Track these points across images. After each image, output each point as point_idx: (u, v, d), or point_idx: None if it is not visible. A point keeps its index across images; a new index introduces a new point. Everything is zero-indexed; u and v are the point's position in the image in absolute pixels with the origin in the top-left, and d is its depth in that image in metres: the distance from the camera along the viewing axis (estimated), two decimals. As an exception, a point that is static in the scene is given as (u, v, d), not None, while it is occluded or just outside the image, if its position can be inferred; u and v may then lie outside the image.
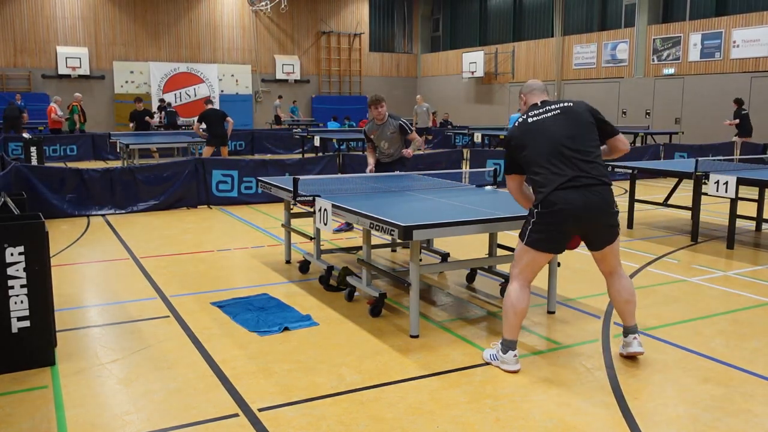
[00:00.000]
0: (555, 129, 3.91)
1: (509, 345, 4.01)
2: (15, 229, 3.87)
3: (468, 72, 28.86)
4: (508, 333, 4.02)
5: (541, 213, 3.86)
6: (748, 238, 8.16)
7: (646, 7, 21.76)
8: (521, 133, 4.01)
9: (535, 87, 4.21)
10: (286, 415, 3.44)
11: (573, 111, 3.98)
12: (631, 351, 4.12)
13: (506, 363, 3.99)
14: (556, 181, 3.80)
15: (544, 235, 3.89)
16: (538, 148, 3.89)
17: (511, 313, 3.98)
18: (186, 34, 27.49)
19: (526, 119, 4.03)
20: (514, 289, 4.01)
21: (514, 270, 4.05)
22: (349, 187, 6.11)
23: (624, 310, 4.14)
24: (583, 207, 3.80)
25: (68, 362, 4.11)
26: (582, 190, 3.79)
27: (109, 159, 17.78)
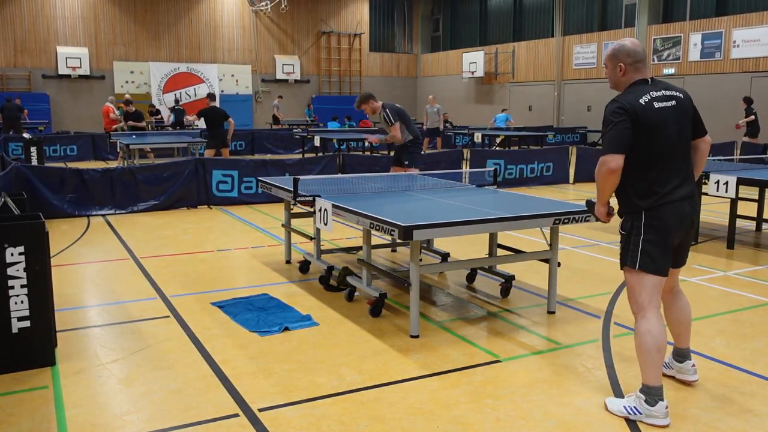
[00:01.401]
0: (675, 126, 3.34)
1: (657, 394, 3.34)
2: (15, 229, 3.88)
3: (468, 72, 28.87)
4: (652, 378, 3.34)
5: (653, 226, 3.30)
6: (748, 238, 8.16)
7: (646, 7, 21.77)
8: (649, 117, 3.28)
9: (640, 57, 3.42)
10: (286, 415, 3.44)
11: (684, 104, 3.42)
12: (686, 379, 3.79)
13: (655, 417, 3.33)
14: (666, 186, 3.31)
15: (658, 251, 3.31)
16: (659, 144, 3.31)
17: (654, 351, 3.31)
18: (186, 34, 27.50)
19: (652, 102, 3.31)
20: (651, 322, 3.32)
21: (640, 301, 3.36)
22: (349, 187, 6.11)
23: (684, 332, 3.73)
24: (689, 218, 3.40)
25: (68, 362, 4.11)
26: (691, 201, 3.39)
27: (109, 159, 17.78)
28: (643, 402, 3.37)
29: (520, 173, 13.06)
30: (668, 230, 3.32)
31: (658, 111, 3.32)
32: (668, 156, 3.33)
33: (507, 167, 12.84)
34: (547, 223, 4.70)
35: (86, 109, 26.05)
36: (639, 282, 3.37)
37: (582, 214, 4.78)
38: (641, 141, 3.30)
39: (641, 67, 3.43)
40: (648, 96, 3.34)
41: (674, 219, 3.33)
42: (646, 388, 3.38)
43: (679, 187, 3.35)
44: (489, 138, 19.15)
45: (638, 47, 3.45)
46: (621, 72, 3.45)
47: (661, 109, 3.33)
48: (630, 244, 3.38)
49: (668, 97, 3.38)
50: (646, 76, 3.44)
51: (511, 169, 12.93)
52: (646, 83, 3.41)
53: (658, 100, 3.34)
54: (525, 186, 12.63)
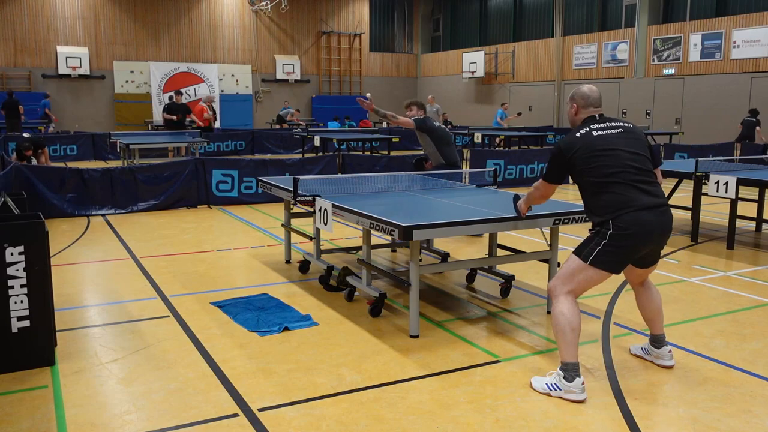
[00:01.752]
0: (624, 147, 3.69)
1: (573, 370, 3.62)
2: (15, 229, 3.87)
3: (468, 72, 28.87)
4: (569, 355, 3.65)
5: (615, 235, 3.60)
6: (748, 238, 8.16)
7: (646, 8, 21.77)
8: (586, 146, 3.71)
9: (591, 102, 3.89)
10: (286, 415, 3.44)
11: (633, 131, 3.81)
12: (665, 364, 4.05)
13: (573, 392, 3.60)
14: (629, 200, 3.60)
15: (615, 257, 3.64)
16: (608, 163, 3.65)
17: (569, 331, 3.64)
18: (186, 34, 27.50)
19: (590, 132, 3.75)
20: (566, 306, 3.68)
21: (564, 287, 3.72)
22: (349, 187, 6.11)
23: (656, 318, 4.05)
24: (659, 229, 3.66)
25: (68, 362, 4.11)
26: (655, 211, 3.63)
27: (109, 159, 17.78)
28: (562, 379, 3.64)
29: (520, 173, 13.06)
30: (632, 241, 3.61)
31: (599, 137, 3.72)
32: (623, 172, 3.64)
33: (507, 167, 12.84)
34: (547, 223, 4.71)
35: (86, 108, 26.05)
36: (580, 272, 3.71)
37: (582, 215, 4.78)
38: (587, 166, 3.68)
39: (592, 111, 3.88)
40: (586, 129, 3.78)
41: (639, 230, 3.59)
42: (563, 365, 3.65)
43: (643, 199, 3.62)
44: (489, 138, 19.15)
45: (594, 93, 3.91)
46: (574, 111, 3.94)
47: (602, 135, 3.73)
48: (592, 242, 3.70)
49: (612, 126, 3.78)
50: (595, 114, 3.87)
51: (511, 169, 12.93)
52: (593, 119, 3.84)
53: (598, 130, 3.76)
54: (525, 186, 12.62)
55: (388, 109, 7.72)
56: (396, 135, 18.08)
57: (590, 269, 3.69)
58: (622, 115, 22.91)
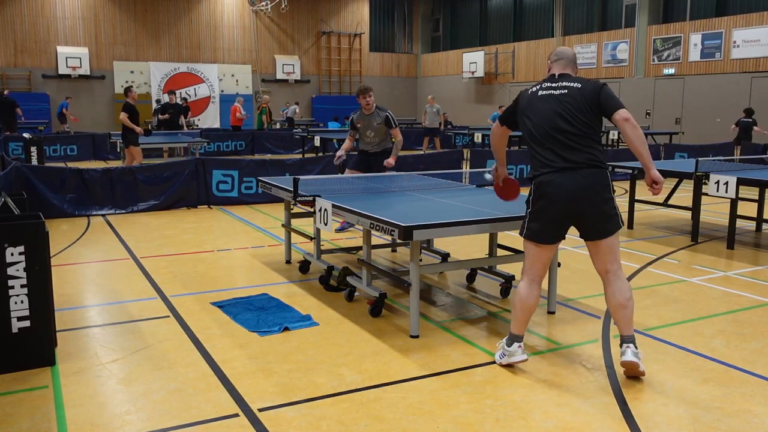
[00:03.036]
0: (554, 109, 3.80)
1: (514, 338, 4.00)
2: (15, 229, 3.87)
3: (468, 72, 28.87)
4: (514, 328, 4.01)
5: (533, 199, 3.86)
6: (748, 238, 8.16)
7: (646, 7, 21.77)
8: (527, 104, 3.94)
9: (563, 56, 4.01)
10: (286, 415, 3.44)
11: (579, 92, 3.80)
12: (625, 360, 3.79)
13: (513, 355, 3.96)
14: (546, 164, 3.78)
15: (538, 224, 3.86)
16: (535, 126, 3.85)
17: (518, 308, 3.97)
18: (186, 34, 27.50)
19: (537, 91, 3.94)
20: (522, 285, 4.01)
21: (524, 266, 4.05)
22: (350, 187, 6.11)
23: (618, 316, 3.86)
24: (574, 189, 3.72)
25: (68, 362, 4.11)
26: (570, 173, 3.72)
27: (109, 159, 17.78)
28: (505, 345, 4.04)
29: (520, 173, 13.06)
30: (543, 203, 3.81)
31: (539, 98, 3.89)
32: (544, 134, 3.80)
33: (507, 167, 12.82)
34: (547, 223, 4.70)
35: (86, 109, 26.06)
36: (525, 249, 4.02)
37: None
38: (524, 122, 3.94)
39: (563, 65, 3.97)
40: (536, 86, 3.96)
41: (550, 189, 3.76)
42: (510, 334, 4.05)
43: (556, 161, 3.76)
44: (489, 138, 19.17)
45: (567, 50, 4.08)
46: (548, 69, 4.06)
47: (542, 96, 3.88)
48: (524, 216, 3.99)
49: (561, 87, 3.86)
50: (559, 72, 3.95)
51: (511, 169, 12.92)
52: (552, 78, 3.95)
53: (545, 89, 3.90)
54: (525, 186, 12.60)
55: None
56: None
57: (528, 244, 3.97)
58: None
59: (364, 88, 7.54)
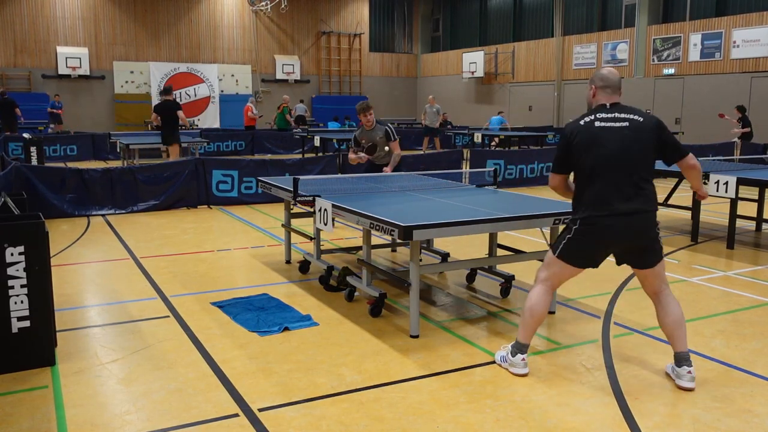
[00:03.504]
0: (617, 144, 3.63)
1: (519, 348, 3.95)
2: (15, 229, 3.87)
3: (468, 72, 28.86)
4: (521, 336, 3.96)
5: (579, 230, 3.74)
6: (748, 238, 8.16)
7: (646, 7, 21.77)
8: (586, 137, 3.70)
9: (610, 84, 3.79)
10: (286, 415, 3.44)
11: (640, 126, 3.67)
12: (682, 385, 3.76)
13: (514, 366, 3.94)
14: (603, 201, 3.64)
15: (576, 253, 3.79)
16: (597, 159, 3.65)
17: (528, 315, 3.91)
18: (186, 34, 27.50)
19: (593, 122, 3.71)
20: (536, 293, 3.92)
21: (541, 274, 3.95)
22: (349, 187, 6.11)
23: (677, 333, 3.81)
24: (626, 234, 3.66)
25: (68, 362, 4.11)
26: (626, 218, 3.62)
27: (109, 159, 17.78)
28: (509, 353, 3.99)
29: (520, 173, 13.06)
30: (592, 239, 3.73)
31: (599, 129, 3.69)
32: (606, 171, 3.65)
33: (507, 167, 12.84)
34: (547, 223, 4.71)
35: (86, 109, 26.06)
36: (551, 262, 3.93)
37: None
38: (581, 156, 3.71)
39: (610, 93, 3.79)
40: (591, 117, 3.75)
41: (600, 231, 3.69)
42: (515, 342, 4.00)
43: (615, 202, 3.63)
44: (488, 138, 19.16)
45: (613, 76, 3.82)
46: (592, 93, 3.86)
47: (603, 128, 3.68)
48: (561, 235, 3.88)
49: (620, 119, 3.69)
50: (609, 101, 3.78)
51: (511, 169, 12.93)
52: (603, 108, 3.76)
53: (602, 121, 3.71)
54: (525, 186, 12.63)
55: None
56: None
57: (558, 262, 3.88)
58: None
59: (366, 106, 7.63)
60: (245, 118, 20.28)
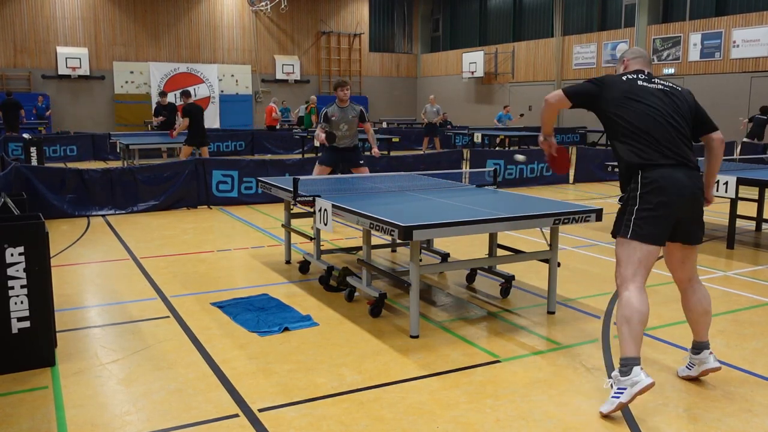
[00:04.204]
0: (663, 102, 3.50)
1: (632, 362, 3.33)
2: (15, 229, 3.87)
3: (468, 72, 28.86)
4: (630, 350, 3.34)
5: (646, 192, 3.39)
6: (748, 238, 8.16)
7: (646, 7, 21.77)
8: (629, 90, 3.52)
9: (641, 55, 3.74)
10: (286, 415, 3.44)
11: (679, 93, 3.61)
12: (708, 368, 3.74)
13: (637, 383, 3.27)
14: (660, 158, 3.41)
15: (653, 223, 3.37)
16: (646, 112, 3.46)
17: (635, 322, 3.34)
18: (186, 34, 27.50)
19: (636, 80, 3.56)
20: (632, 295, 3.38)
21: (625, 273, 3.44)
22: (349, 187, 6.11)
23: (701, 322, 3.74)
24: (690, 187, 3.43)
25: (68, 362, 4.11)
26: (686, 170, 3.42)
27: (109, 159, 17.78)
28: (620, 377, 3.35)
29: (520, 173, 13.06)
30: (664, 196, 3.38)
31: (641, 87, 3.55)
32: (657, 125, 3.46)
33: (507, 167, 12.84)
34: (547, 223, 4.71)
35: (86, 109, 26.06)
36: (628, 253, 3.44)
37: (582, 215, 4.78)
38: (626, 108, 3.50)
39: (642, 62, 3.73)
40: (633, 75, 3.62)
41: (669, 183, 3.39)
42: (623, 360, 3.37)
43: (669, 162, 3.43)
44: (488, 138, 19.16)
45: (641, 50, 3.84)
46: (624, 66, 3.77)
47: (644, 87, 3.55)
48: (625, 213, 3.50)
49: (659, 82, 3.61)
50: (644, 69, 3.69)
51: (511, 169, 12.93)
52: (642, 72, 3.66)
53: (643, 81, 3.59)
54: (525, 186, 12.64)
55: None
56: (396, 135, 18.06)
57: (635, 245, 3.41)
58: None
59: (343, 81, 7.84)
60: (268, 118, 20.77)
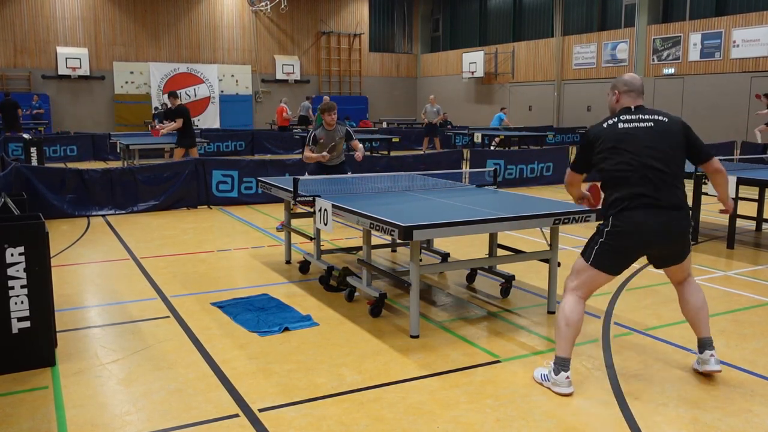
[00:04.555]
0: (644, 143, 3.61)
1: (562, 364, 3.71)
2: (15, 229, 3.88)
3: (468, 72, 28.87)
4: (560, 349, 3.73)
5: (611, 232, 3.63)
6: (748, 238, 8.16)
7: (646, 7, 21.77)
8: (610, 138, 3.68)
9: (634, 88, 3.80)
10: (286, 415, 3.44)
11: (666, 127, 3.67)
12: (708, 369, 3.86)
13: (558, 385, 3.70)
14: (634, 199, 3.58)
15: (611, 258, 3.67)
16: (624, 160, 3.61)
17: (563, 326, 3.71)
18: (186, 35, 27.50)
19: (616, 123, 3.70)
20: (568, 302, 3.76)
21: (571, 283, 3.80)
22: (349, 187, 6.11)
23: (698, 318, 3.88)
24: (656, 232, 3.59)
25: (68, 362, 4.12)
26: (657, 213, 3.57)
27: (109, 159, 17.78)
28: (551, 371, 3.76)
29: (520, 173, 13.06)
30: (625, 242, 3.63)
31: (623, 131, 3.67)
32: (635, 171, 3.59)
33: (507, 167, 12.84)
34: (547, 223, 4.71)
35: (86, 109, 26.06)
36: (584, 271, 3.77)
37: (582, 215, 4.78)
38: (607, 158, 3.67)
39: (634, 96, 3.79)
40: (614, 119, 3.74)
41: (633, 230, 3.59)
42: (556, 358, 3.76)
43: (646, 199, 3.57)
44: (488, 138, 19.17)
45: (635, 80, 3.83)
46: (615, 99, 3.84)
47: (628, 129, 3.67)
48: (593, 241, 3.75)
49: (644, 119, 3.70)
50: (633, 104, 3.77)
51: (511, 169, 12.93)
52: (628, 111, 3.76)
53: (626, 122, 3.70)
54: (525, 186, 12.64)
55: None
56: (396, 135, 18.05)
57: (591, 269, 3.73)
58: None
59: (332, 106, 7.76)
60: (279, 119, 21.03)
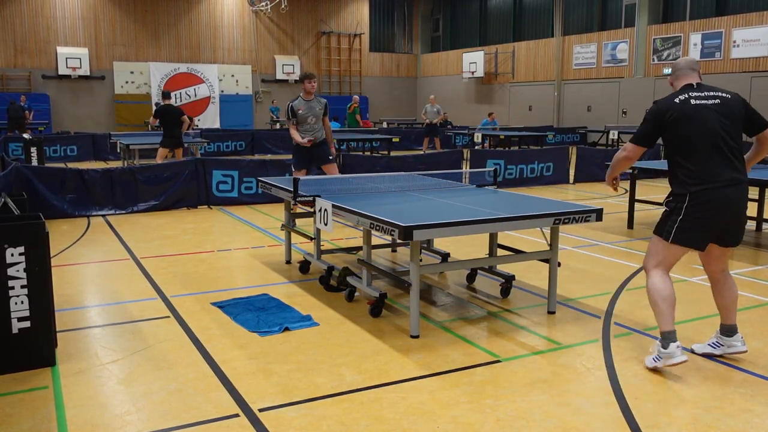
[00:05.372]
0: (717, 119, 3.78)
1: (669, 338, 3.84)
2: (15, 229, 3.88)
3: (468, 72, 28.88)
4: (663, 324, 3.87)
5: (691, 206, 3.77)
6: (749, 238, 8.15)
7: (646, 7, 21.78)
8: (682, 113, 3.80)
9: (688, 66, 3.99)
10: (286, 415, 3.44)
11: (731, 102, 3.86)
12: (739, 350, 4.13)
13: (672, 357, 3.81)
14: (715, 175, 3.75)
15: (693, 232, 3.80)
16: (699, 135, 3.76)
17: (660, 302, 3.87)
18: (186, 35, 27.51)
19: (689, 99, 3.83)
20: (657, 279, 3.90)
21: (652, 261, 3.95)
22: (349, 187, 6.11)
23: (731, 307, 4.12)
24: (737, 204, 3.82)
25: (68, 362, 4.12)
26: (735, 188, 3.78)
27: (109, 159, 17.78)
28: (660, 348, 3.88)
29: (520, 173, 13.06)
30: (708, 215, 3.77)
31: (694, 107, 3.80)
32: (710, 146, 3.76)
33: (507, 167, 12.84)
34: (547, 223, 4.71)
35: (86, 109, 26.07)
36: (660, 248, 3.92)
37: (582, 215, 4.78)
38: (679, 132, 3.80)
39: (689, 73, 3.97)
40: (685, 95, 3.85)
41: (716, 204, 3.76)
42: (661, 333, 3.89)
43: (723, 174, 3.75)
44: (488, 138, 19.17)
45: (684, 61, 4.05)
46: (677, 77, 4.02)
47: (698, 106, 3.80)
48: (668, 221, 3.88)
49: (710, 96, 3.85)
50: (695, 81, 3.94)
51: (511, 169, 12.93)
52: (691, 87, 3.91)
53: (696, 99, 3.83)
54: (525, 186, 12.64)
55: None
56: (396, 135, 18.04)
57: (672, 247, 3.87)
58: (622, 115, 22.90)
59: (311, 74, 7.84)
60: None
